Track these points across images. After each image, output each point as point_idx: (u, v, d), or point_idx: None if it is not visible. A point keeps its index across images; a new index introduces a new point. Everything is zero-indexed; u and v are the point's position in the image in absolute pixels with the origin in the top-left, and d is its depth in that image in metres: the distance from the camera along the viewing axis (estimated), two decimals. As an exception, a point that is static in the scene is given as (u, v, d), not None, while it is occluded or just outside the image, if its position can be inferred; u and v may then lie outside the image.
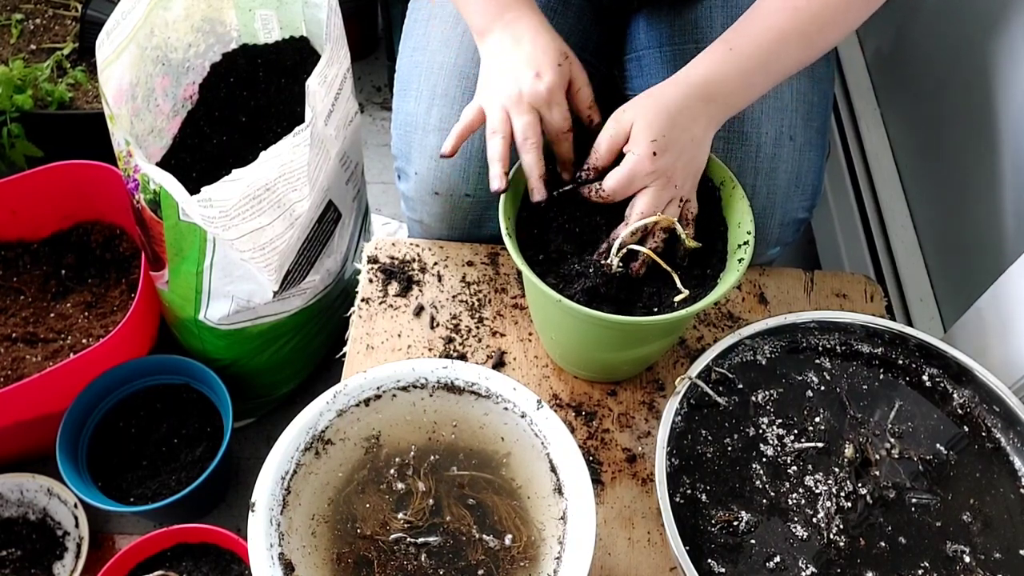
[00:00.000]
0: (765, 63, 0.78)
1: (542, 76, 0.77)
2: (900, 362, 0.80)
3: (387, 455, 0.76)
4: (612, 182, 0.76)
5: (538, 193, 0.78)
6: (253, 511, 0.67)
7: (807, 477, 0.73)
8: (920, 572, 0.68)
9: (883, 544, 0.70)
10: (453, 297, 0.96)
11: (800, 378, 0.79)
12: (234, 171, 0.88)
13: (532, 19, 0.81)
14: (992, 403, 0.76)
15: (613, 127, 0.77)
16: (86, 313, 1.24)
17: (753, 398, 0.77)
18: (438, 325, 0.94)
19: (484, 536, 0.72)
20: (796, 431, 0.75)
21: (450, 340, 0.93)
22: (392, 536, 0.72)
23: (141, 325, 1.16)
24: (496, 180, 0.77)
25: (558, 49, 0.80)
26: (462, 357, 0.92)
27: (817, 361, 0.80)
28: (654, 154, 0.75)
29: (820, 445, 0.74)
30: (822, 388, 0.78)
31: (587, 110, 0.82)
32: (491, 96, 0.79)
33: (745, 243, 0.78)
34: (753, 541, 0.70)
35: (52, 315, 1.24)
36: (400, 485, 0.74)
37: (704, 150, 0.78)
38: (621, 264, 0.77)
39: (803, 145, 0.93)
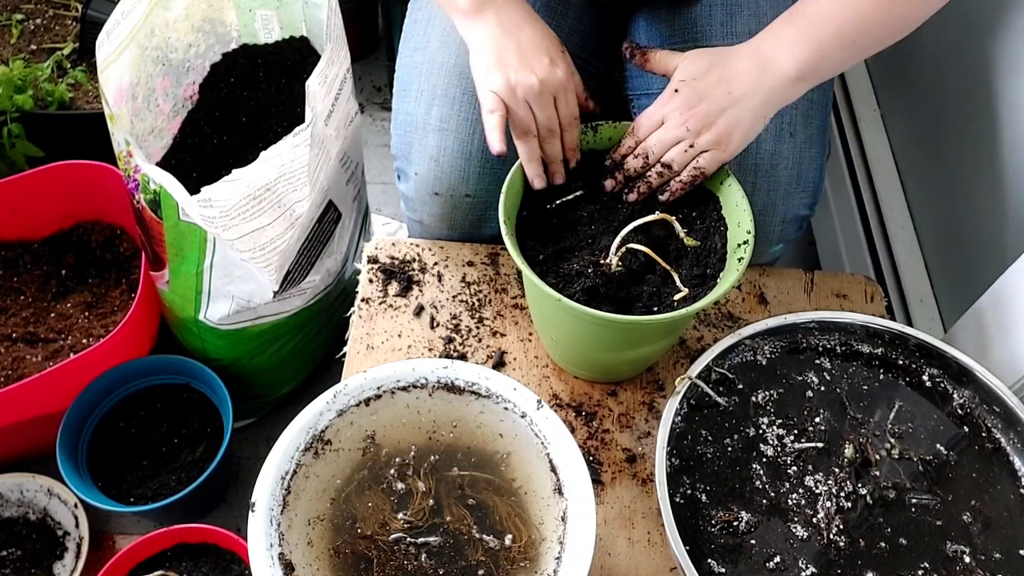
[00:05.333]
0: (838, 36, 0.78)
1: (556, 63, 0.80)
2: (900, 362, 0.80)
3: (387, 455, 0.76)
4: (642, 114, 0.82)
5: (559, 177, 0.83)
6: (253, 511, 0.67)
7: (807, 477, 0.73)
8: (920, 572, 0.68)
9: (883, 544, 0.70)
10: (453, 297, 0.96)
11: (800, 378, 0.79)
12: (234, 171, 0.87)
13: (524, 6, 0.83)
14: (992, 403, 0.76)
15: (667, 56, 0.83)
16: (86, 313, 1.24)
17: (753, 398, 0.77)
18: (438, 325, 0.94)
19: (484, 536, 0.72)
20: (796, 431, 0.75)
21: (450, 340, 0.93)
22: (392, 536, 0.72)
23: (141, 325, 1.16)
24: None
25: (556, 38, 0.82)
26: (462, 357, 0.92)
27: (817, 361, 0.80)
28: (676, 91, 0.79)
29: (820, 445, 0.74)
30: (822, 388, 0.78)
31: (584, 100, 0.85)
32: (504, 85, 0.79)
33: (745, 242, 0.78)
34: (753, 541, 0.70)
35: (52, 315, 1.24)
36: (400, 485, 0.74)
37: (744, 113, 0.78)
38: (621, 263, 0.77)
39: (803, 142, 0.93)
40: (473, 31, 0.82)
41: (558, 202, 0.83)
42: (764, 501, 0.72)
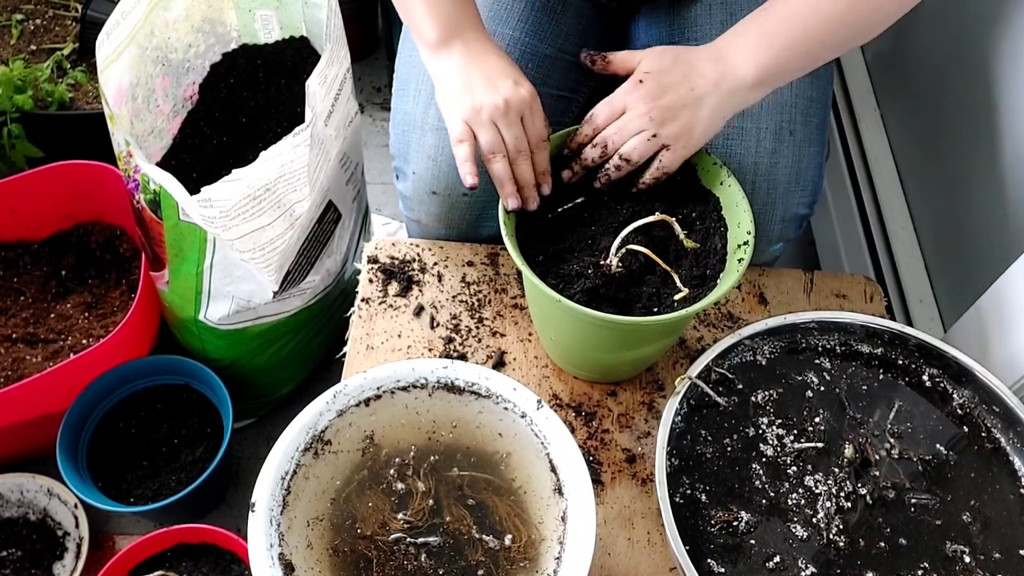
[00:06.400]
0: (797, 42, 0.78)
1: (520, 83, 0.80)
2: (900, 362, 0.80)
3: (387, 455, 0.76)
4: (601, 102, 0.81)
5: (533, 202, 0.81)
6: (253, 511, 0.67)
7: (807, 477, 0.73)
8: (920, 572, 0.68)
9: (883, 544, 0.70)
10: (453, 297, 0.96)
11: (800, 378, 0.79)
12: (234, 171, 0.88)
13: (487, 38, 0.84)
14: (992, 403, 0.76)
15: (627, 54, 0.82)
16: (86, 314, 1.24)
17: (753, 398, 0.77)
18: (438, 325, 0.94)
19: (484, 536, 0.72)
20: (796, 431, 0.76)
21: (450, 340, 0.93)
22: (392, 536, 0.72)
23: (141, 325, 1.16)
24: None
25: (518, 67, 0.83)
26: (462, 357, 0.92)
27: (817, 361, 0.80)
28: (640, 81, 0.79)
29: (820, 445, 0.74)
30: (822, 388, 0.78)
31: (545, 125, 0.84)
32: (470, 108, 0.79)
33: (745, 243, 0.78)
34: (753, 541, 0.70)
35: (52, 315, 1.24)
36: (400, 485, 0.75)
37: (704, 111, 0.78)
38: (621, 264, 0.77)
39: (803, 141, 0.93)
40: (439, 65, 0.82)
41: (559, 210, 0.83)
42: (764, 501, 0.72)
